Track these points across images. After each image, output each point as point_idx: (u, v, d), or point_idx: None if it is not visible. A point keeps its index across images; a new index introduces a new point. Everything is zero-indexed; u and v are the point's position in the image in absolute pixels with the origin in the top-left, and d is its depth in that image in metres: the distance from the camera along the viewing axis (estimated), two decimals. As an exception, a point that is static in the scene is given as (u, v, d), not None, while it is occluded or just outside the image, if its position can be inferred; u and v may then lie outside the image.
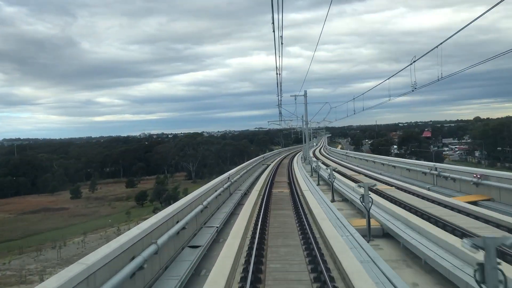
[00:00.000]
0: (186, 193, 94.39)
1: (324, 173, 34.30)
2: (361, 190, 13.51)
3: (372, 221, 13.60)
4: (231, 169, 31.56)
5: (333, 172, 26.94)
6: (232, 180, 24.56)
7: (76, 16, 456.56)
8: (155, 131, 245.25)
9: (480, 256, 4.98)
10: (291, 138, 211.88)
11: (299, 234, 13.98)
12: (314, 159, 51.07)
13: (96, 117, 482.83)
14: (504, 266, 5.02)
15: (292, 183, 32.26)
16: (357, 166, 49.00)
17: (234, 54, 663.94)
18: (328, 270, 9.42)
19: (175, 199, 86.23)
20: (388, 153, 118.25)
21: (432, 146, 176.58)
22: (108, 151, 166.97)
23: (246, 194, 25.41)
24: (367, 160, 51.26)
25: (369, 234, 12.92)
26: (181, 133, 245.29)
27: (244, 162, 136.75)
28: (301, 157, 72.02)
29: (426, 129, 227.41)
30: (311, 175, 39.30)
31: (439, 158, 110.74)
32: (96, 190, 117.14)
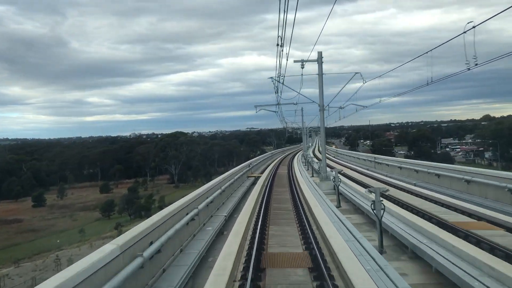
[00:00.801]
0: (163, 202, 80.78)
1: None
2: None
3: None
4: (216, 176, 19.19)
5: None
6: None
7: (66, 15, 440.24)
8: (146, 131, 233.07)
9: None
10: (284, 137, 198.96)
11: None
12: (328, 169, 35.68)
13: (86, 117, 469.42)
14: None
15: (309, 233, 12.88)
16: (367, 169, 43.35)
17: (226, 54, 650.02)
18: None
19: (148, 210, 72.96)
20: (391, 154, 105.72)
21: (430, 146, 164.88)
22: (87, 152, 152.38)
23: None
24: (377, 162, 44.22)
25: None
26: (171, 133, 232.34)
27: (233, 164, 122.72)
28: (302, 159, 58.67)
29: (425, 128, 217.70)
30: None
31: (448, 160, 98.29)
32: (66, 196, 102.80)
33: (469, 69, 12.45)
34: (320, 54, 27.64)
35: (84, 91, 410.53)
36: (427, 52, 16.17)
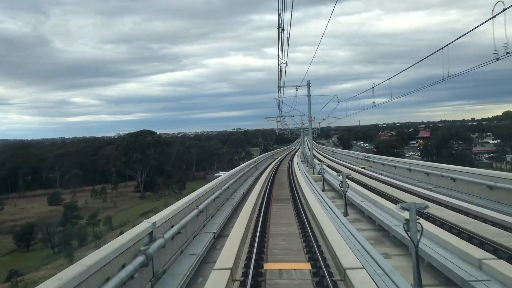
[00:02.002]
0: (109, 223, 59.61)
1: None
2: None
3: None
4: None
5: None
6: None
7: (48, 14, 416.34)
8: (131, 132, 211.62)
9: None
10: (272, 138, 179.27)
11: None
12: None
13: (71, 117, 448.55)
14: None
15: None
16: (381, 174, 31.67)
17: (212, 54, 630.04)
18: None
19: (84, 239, 51.63)
20: (400, 155, 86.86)
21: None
22: (48, 154, 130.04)
23: None
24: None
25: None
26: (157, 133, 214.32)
27: (213, 168, 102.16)
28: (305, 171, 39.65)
29: (421, 128, 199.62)
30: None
31: (471, 163, 79.34)
32: (1, 210, 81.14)
33: (498, 58, 11.30)
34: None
35: (68, 91, 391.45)
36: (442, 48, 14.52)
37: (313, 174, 30.95)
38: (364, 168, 35.09)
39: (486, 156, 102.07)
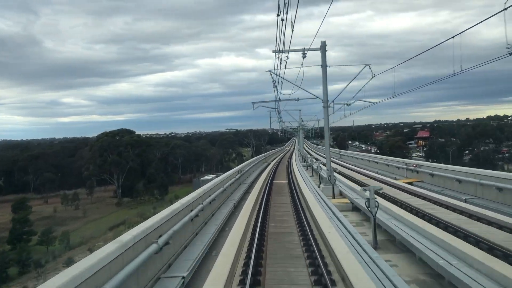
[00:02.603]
0: (66, 241, 48.59)
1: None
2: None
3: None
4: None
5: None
6: None
7: (39, 14, 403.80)
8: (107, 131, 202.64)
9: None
10: (265, 138, 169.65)
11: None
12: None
13: (62, 118, 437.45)
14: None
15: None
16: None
17: (203, 55, 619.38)
18: None
19: (27, 267, 40.09)
20: (406, 157, 77.72)
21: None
22: (21, 156, 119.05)
23: None
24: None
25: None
26: (147, 134, 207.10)
27: (202, 170, 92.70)
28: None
29: (418, 128, 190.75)
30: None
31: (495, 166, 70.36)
32: (-44, 220, 70.44)
33: (511, 53, 10.67)
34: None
35: (59, 92, 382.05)
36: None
37: (333, 196, 18.95)
38: (410, 183, 23.25)
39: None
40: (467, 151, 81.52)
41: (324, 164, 29.35)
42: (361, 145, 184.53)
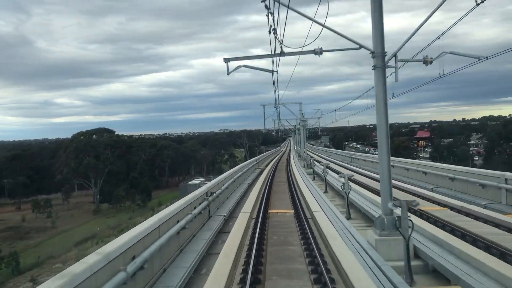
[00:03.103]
0: (15, 266, 38.42)
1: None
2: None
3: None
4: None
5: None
6: None
7: (30, 13, 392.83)
8: (117, 133, 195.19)
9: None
10: (259, 138, 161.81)
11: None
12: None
13: (56, 118, 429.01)
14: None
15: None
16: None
17: (198, 55, 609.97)
18: None
19: None
20: (415, 158, 70.09)
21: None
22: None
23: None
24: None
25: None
26: (140, 134, 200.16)
27: (191, 173, 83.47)
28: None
29: (414, 127, 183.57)
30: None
31: None
32: None
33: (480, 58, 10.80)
34: None
35: (53, 92, 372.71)
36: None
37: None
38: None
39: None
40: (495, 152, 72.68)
41: (363, 187, 20.57)
42: (358, 146, 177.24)
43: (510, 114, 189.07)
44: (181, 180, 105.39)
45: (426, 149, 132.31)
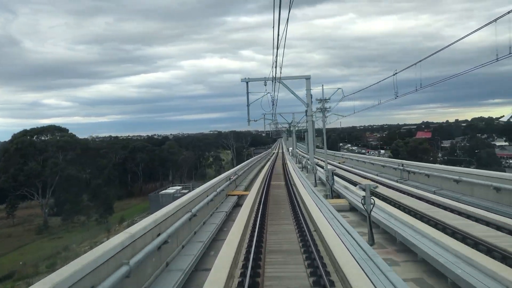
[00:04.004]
0: None
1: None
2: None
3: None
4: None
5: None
6: None
7: (17, 13, 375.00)
8: (106, 134, 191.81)
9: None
10: (247, 140, 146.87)
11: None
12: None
13: (44, 119, 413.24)
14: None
15: None
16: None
17: (187, 56, 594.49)
18: None
19: None
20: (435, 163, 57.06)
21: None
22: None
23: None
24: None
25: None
26: (128, 135, 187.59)
27: (169, 179, 73.82)
28: None
29: (404, 129, 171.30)
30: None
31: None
32: None
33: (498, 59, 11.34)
34: None
35: (40, 93, 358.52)
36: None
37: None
38: None
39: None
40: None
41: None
42: (353, 147, 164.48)
43: (502, 116, 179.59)
44: (159, 186, 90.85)
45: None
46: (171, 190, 69.37)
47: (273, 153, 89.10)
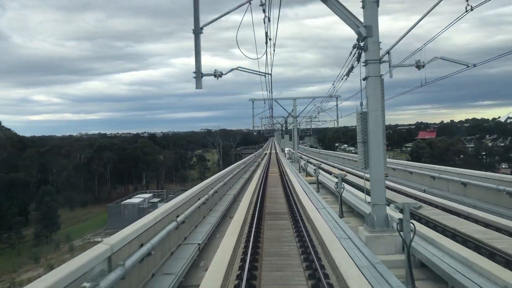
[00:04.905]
0: None
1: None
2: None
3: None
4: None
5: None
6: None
7: (5, 7, 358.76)
8: (95, 131, 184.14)
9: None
10: (235, 138, 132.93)
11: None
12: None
13: (34, 116, 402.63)
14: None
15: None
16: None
17: (178, 54, 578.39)
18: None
19: None
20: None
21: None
22: None
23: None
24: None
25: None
26: (117, 133, 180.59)
27: (142, 183, 63.70)
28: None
29: (412, 127, 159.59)
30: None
31: None
32: None
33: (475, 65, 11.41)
34: None
35: (29, 89, 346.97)
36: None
37: None
38: None
39: None
40: None
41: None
42: (350, 148, 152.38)
43: (499, 117, 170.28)
44: (133, 190, 77.38)
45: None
46: (135, 199, 56.19)
47: (265, 154, 75.14)
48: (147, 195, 55.22)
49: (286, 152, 51.95)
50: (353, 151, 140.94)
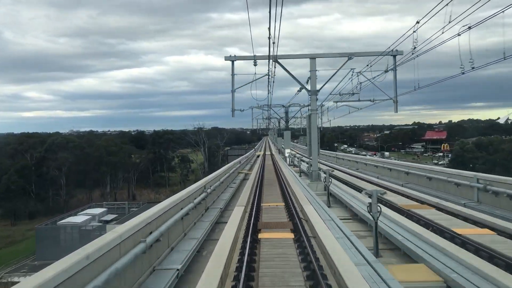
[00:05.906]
0: None
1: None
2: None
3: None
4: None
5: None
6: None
7: None
8: (88, 129, 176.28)
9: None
10: (223, 137, 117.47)
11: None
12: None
13: (25, 112, 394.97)
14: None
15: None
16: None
17: (171, 52, 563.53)
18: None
19: None
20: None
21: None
22: None
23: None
24: None
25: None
26: (108, 130, 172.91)
27: (106, 190, 53.45)
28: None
29: (395, 129, 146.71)
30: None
31: None
32: None
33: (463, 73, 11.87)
34: None
35: (21, 85, 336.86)
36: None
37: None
38: None
39: None
40: None
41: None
42: (350, 149, 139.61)
43: (498, 118, 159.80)
44: (99, 197, 63.25)
45: (449, 155, 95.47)
46: (81, 216, 41.66)
47: (258, 155, 57.51)
48: (98, 210, 41.07)
49: (286, 156, 36.67)
50: (353, 152, 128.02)
